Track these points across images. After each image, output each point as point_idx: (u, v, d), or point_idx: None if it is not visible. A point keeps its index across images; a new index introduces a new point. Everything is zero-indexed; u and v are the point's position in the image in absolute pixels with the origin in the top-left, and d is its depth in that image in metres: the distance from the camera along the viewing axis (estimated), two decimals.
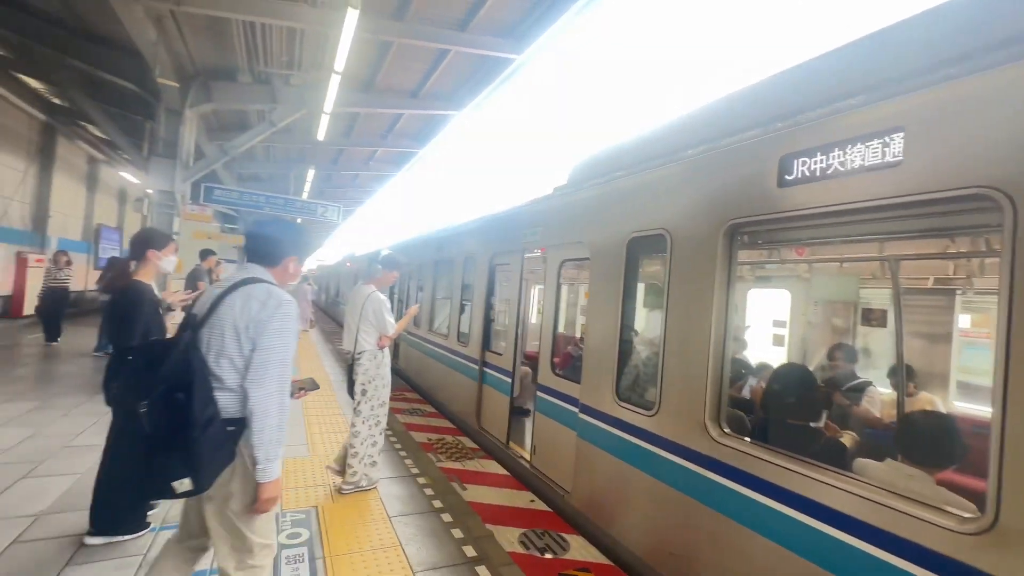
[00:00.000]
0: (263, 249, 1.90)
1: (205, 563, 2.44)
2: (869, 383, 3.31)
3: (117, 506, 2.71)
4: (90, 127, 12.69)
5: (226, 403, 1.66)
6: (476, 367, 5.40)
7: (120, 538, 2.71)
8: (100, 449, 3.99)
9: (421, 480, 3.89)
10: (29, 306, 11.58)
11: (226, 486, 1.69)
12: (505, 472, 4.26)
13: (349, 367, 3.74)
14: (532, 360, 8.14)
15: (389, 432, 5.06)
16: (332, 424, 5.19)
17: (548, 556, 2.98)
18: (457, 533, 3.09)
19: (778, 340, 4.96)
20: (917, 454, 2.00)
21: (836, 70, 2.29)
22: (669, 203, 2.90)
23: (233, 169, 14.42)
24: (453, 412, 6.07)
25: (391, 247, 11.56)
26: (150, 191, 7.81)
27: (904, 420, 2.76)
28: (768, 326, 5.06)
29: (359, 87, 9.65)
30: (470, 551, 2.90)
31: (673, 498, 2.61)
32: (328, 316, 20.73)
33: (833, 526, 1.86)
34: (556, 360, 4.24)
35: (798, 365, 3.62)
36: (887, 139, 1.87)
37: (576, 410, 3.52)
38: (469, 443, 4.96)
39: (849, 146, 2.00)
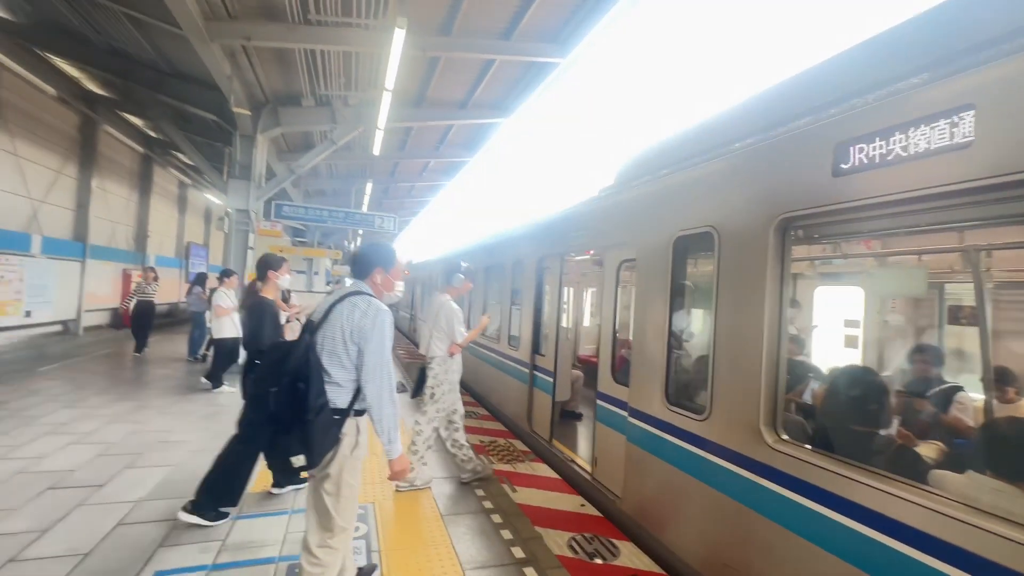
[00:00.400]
0: (358, 265, 2.28)
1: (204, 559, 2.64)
2: (959, 388, 2.98)
3: (225, 484, 3.06)
4: (179, 155, 14.16)
5: (334, 395, 1.98)
6: (527, 370, 5.44)
7: (205, 523, 3.01)
8: (189, 444, 4.42)
9: (473, 482, 3.97)
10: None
11: (325, 467, 1.97)
12: (555, 475, 4.25)
13: (421, 370, 3.97)
14: (584, 364, 8.08)
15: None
16: None
17: (597, 561, 2.94)
18: (506, 534, 3.13)
19: (850, 341, 4.59)
20: (1004, 466, 1.79)
21: (893, 49, 2.12)
22: (715, 199, 2.80)
23: (300, 186, 15.49)
24: (505, 415, 6.14)
25: (447, 256, 11.91)
26: (229, 210, 8.56)
27: (988, 428, 2.47)
28: (839, 326, 4.70)
29: (411, 102, 10.07)
30: (519, 552, 2.93)
31: (727, 506, 2.50)
32: None
33: (903, 541, 1.71)
34: (615, 366, 4.09)
35: (864, 367, 3.33)
36: (955, 119, 1.71)
37: (625, 414, 3.46)
38: (520, 446, 5.00)
39: (912, 129, 1.84)
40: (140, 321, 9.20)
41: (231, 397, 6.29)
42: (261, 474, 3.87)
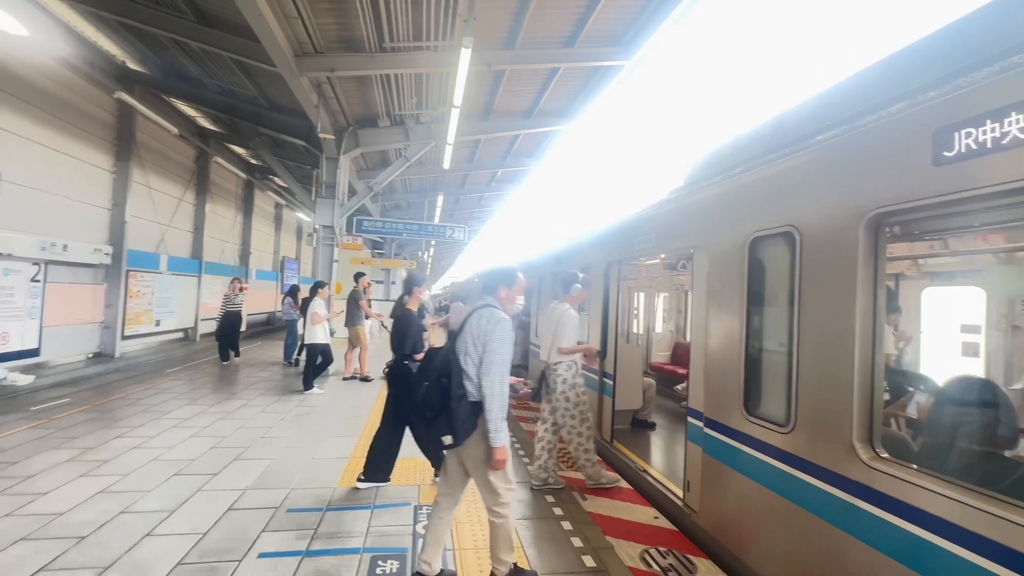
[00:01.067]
0: (486, 284, 2.76)
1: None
2: None
3: (381, 462, 3.86)
4: (275, 179, 15.71)
5: (470, 389, 2.44)
6: (596, 377, 5.37)
7: (379, 484, 3.84)
8: (285, 440, 4.86)
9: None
10: (242, 324, 14.68)
11: (476, 448, 2.44)
12: (627, 485, 4.15)
13: (542, 375, 4.18)
14: (657, 371, 7.80)
15: (514, 439, 5.30)
16: None
17: None
18: (576, 542, 3.12)
19: (969, 349, 4.04)
20: None
21: (1003, 21, 1.88)
22: (796, 197, 2.62)
23: (378, 201, 16.54)
24: None
25: (513, 263, 12.09)
26: (317, 226, 9.36)
27: None
28: (954, 332, 4.15)
29: (478, 115, 10.41)
30: (589, 561, 2.91)
31: (816, 527, 2.31)
32: None
33: None
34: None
35: (982, 379, 2.92)
36: None
37: (700, 423, 3.31)
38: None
39: None
40: (227, 331, 9.48)
41: (320, 398, 6.84)
42: (347, 472, 4.18)
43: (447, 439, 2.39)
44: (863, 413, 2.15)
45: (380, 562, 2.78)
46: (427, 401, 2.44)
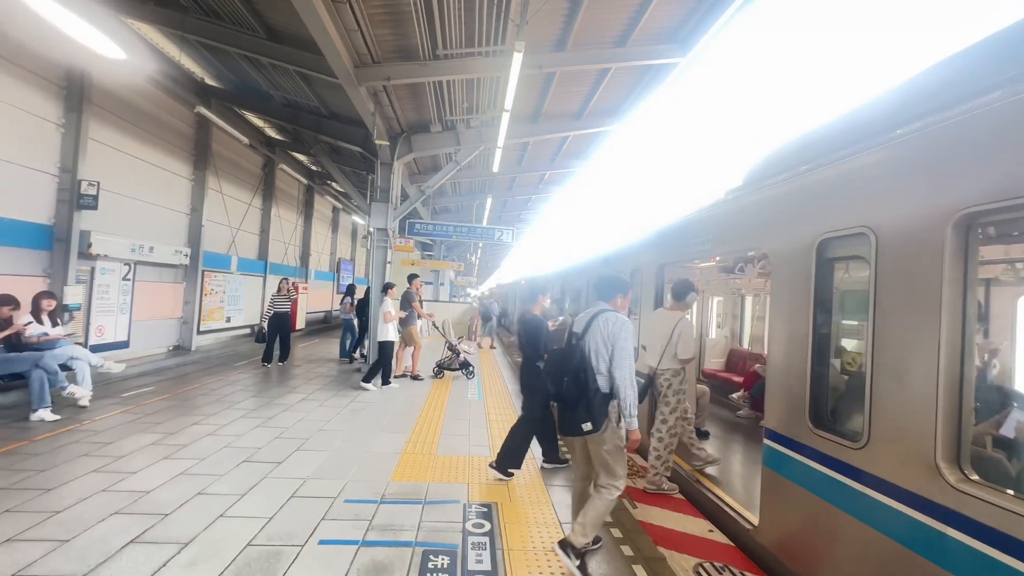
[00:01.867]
0: (603, 291, 3.11)
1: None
2: None
3: (514, 454, 4.19)
4: (333, 184, 16.50)
5: (601, 383, 2.83)
6: (644, 381, 5.24)
7: (505, 477, 4.18)
8: (342, 434, 5.08)
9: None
10: (301, 321, 15.54)
11: (603, 434, 2.80)
12: (680, 495, 4.02)
13: (649, 379, 4.33)
14: (709, 378, 7.50)
15: (560, 442, 5.27)
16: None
17: None
18: (627, 550, 3.06)
19: None
20: None
21: None
22: (871, 196, 2.45)
23: (428, 204, 16.97)
24: None
25: (560, 268, 12.04)
26: (371, 229, 9.74)
27: None
28: None
29: (528, 118, 10.45)
30: (640, 571, 2.84)
31: (892, 551, 2.14)
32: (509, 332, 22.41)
33: None
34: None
35: None
36: None
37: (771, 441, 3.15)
38: (640, 460, 4.82)
39: None
40: (277, 333, 9.05)
41: (374, 394, 7.11)
42: (399, 466, 4.32)
43: (587, 426, 2.76)
44: (948, 431, 1.98)
45: (432, 557, 2.85)
46: (566, 394, 2.83)
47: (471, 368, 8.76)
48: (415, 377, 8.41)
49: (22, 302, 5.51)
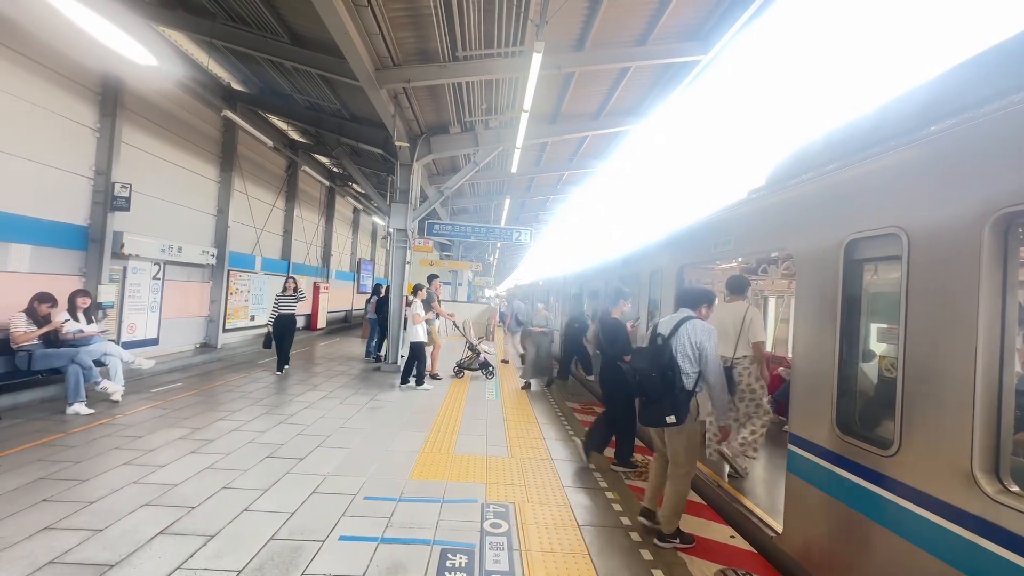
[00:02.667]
0: (689, 300, 3.44)
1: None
2: None
3: (627, 449, 4.62)
4: (354, 185, 16.75)
5: (686, 382, 3.13)
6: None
7: (626, 469, 4.55)
8: (362, 432, 5.14)
9: (609, 495, 3.92)
10: (322, 320, 15.83)
11: (683, 427, 3.12)
12: (700, 500, 3.95)
13: (727, 372, 4.50)
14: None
15: (579, 443, 5.25)
16: (527, 430, 5.64)
17: None
18: (646, 554, 3.02)
19: None
20: None
21: None
22: (902, 195, 2.37)
23: (447, 205, 17.08)
24: (644, 432, 5.91)
25: (574, 267, 11.97)
26: (391, 230, 9.86)
27: None
28: None
29: (546, 118, 10.43)
30: (660, 575, 2.81)
31: (924, 563, 2.07)
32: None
33: None
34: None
35: None
36: None
37: (805, 453, 3.07)
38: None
39: None
40: (279, 338, 8.21)
41: (394, 393, 7.18)
42: (417, 465, 4.35)
43: (671, 419, 3.05)
44: (986, 439, 1.90)
45: (450, 556, 2.87)
46: (651, 390, 3.12)
47: (491, 368, 8.79)
48: (434, 376, 8.47)
49: (59, 300, 5.75)
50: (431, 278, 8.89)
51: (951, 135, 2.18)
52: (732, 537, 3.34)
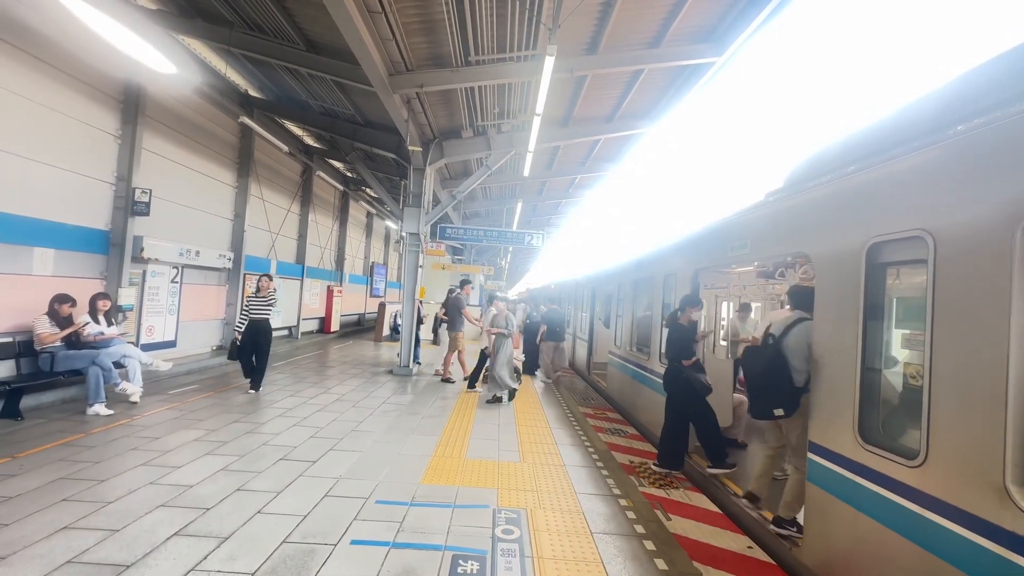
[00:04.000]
0: (803, 303, 3.53)
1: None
2: None
3: (675, 451, 4.62)
4: (367, 190, 16.90)
5: (796, 378, 3.31)
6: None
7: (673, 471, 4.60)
8: (373, 435, 5.15)
9: (623, 502, 3.86)
10: (336, 324, 15.97)
11: (795, 419, 3.35)
12: (716, 509, 3.87)
13: None
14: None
15: (591, 449, 5.19)
16: (539, 435, 5.59)
17: None
18: (660, 564, 2.96)
19: None
20: None
21: None
22: (928, 197, 2.30)
23: (459, 209, 17.12)
24: (657, 437, 5.82)
25: (585, 271, 11.91)
26: (404, 234, 9.91)
27: None
28: None
29: (558, 122, 10.41)
30: None
31: None
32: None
33: None
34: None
35: None
36: None
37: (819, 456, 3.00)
38: (675, 472, 4.68)
39: None
40: (252, 347, 6.85)
41: (405, 397, 7.19)
42: (429, 469, 4.34)
43: (779, 412, 3.26)
44: (1020, 451, 1.82)
45: (461, 562, 2.84)
46: (761, 384, 3.39)
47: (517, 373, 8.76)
48: (446, 380, 8.48)
49: (80, 302, 5.88)
50: (463, 283, 9.18)
51: (980, 134, 2.11)
52: (750, 548, 3.27)
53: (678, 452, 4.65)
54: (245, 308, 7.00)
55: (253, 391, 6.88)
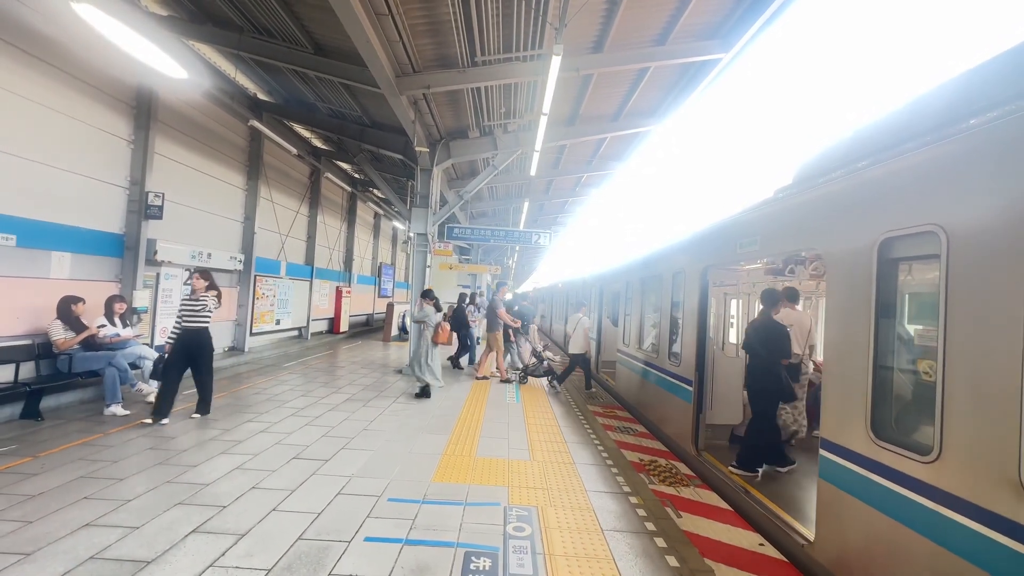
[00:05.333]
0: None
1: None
2: None
3: (760, 449, 4.58)
4: (374, 191, 17.01)
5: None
6: (690, 388, 5.10)
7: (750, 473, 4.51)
8: (384, 434, 5.19)
9: (633, 499, 3.87)
10: (345, 324, 16.09)
11: None
12: (727, 507, 3.87)
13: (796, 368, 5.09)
14: None
15: (600, 447, 5.20)
16: (549, 433, 5.61)
17: None
18: (672, 561, 2.97)
19: None
20: None
21: None
22: (942, 192, 2.29)
23: (466, 209, 17.18)
24: (666, 435, 5.83)
25: (595, 269, 11.89)
26: (411, 234, 9.97)
27: None
28: None
29: (564, 121, 10.41)
30: None
31: (966, 573, 1.98)
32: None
33: None
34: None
35: None
36: None
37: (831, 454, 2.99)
38: (684, 469, 4.68)
39: None
40: (185, 362, 5.51)
41: (413, 398, 7.24)
42: (440, 467, 4.38)
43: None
44: None
45: (474, 558, 2.87)
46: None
47: (555, 375, 8.78)
48: (505, 380, 8.80)
49: (96, 305, 5.99)
50: (499, 285, 9.43)
51: (993, 128, 2.10)
52: (761, 545, 3.26)
53: (772, 448, 4.60)
54: (178, 315, 5.59)
55: (200, 414, 5.58)
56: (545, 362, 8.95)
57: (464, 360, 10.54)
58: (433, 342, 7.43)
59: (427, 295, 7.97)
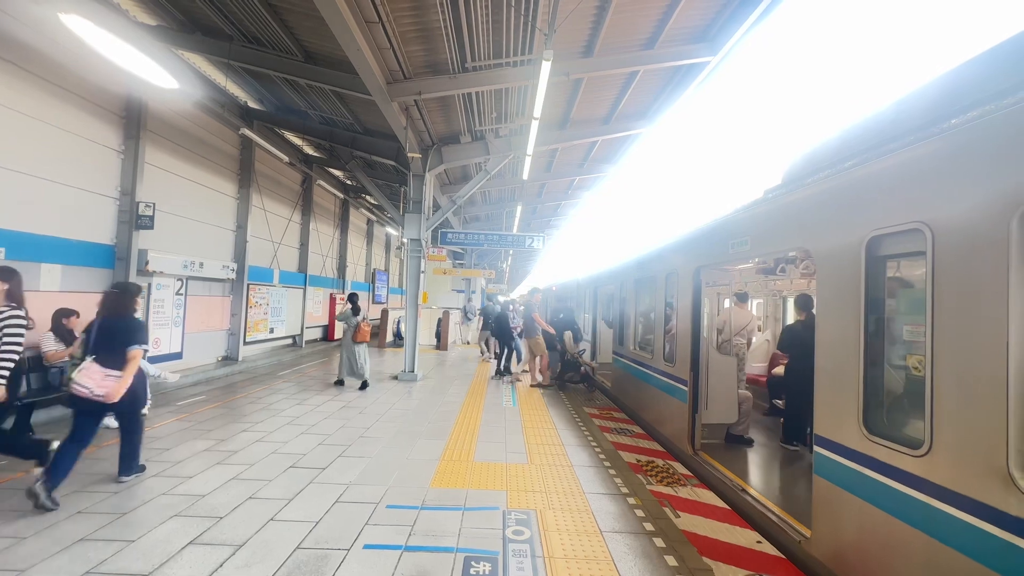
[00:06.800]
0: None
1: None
2: None
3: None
4: (367, 197, 17.00)
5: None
6: (685, 388, 5.13)
7: None
8: (381, 441, 5.17)
9: (631, 500, 3.89)
10: (339, 331, 16.01)
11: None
12: (724, 505, 3.89)
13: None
14: (751, 384, 7.26)
15: (597, 449, 5.22)
16: (546, 436, 5.62)
17: None
18: (671, 560, 2.99)
19: None
20: None
21: None
22: (926, 190, 2.34)
23: (460, 214, 17.20)
24: (663, 435, 5.85)
25: (589, 271, 11.94)
26: (404, 240, 9.97)
27: None
28: None
29: (555, 124, 10.48)
30: None
31: (961, 567, 2.01)
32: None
33: None
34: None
35: None
36: None
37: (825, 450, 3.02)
38: (681, 469, 4.71)
39: None
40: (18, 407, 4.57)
41: (413, 402, 7.22)
42: (438, 473, 4.37)
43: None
44: (1022, 437, 1.85)
45: (474, 563, 2.87)
46: None
47: (592, 381, 8.90)
48: (545, 386, 8.86)
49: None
50: (533, 292, 9.70)
51: (973, 127, 2.15)
52: (759, 542, 3.29)
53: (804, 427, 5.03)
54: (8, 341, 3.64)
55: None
56: (583, 368, 9.06)
57: (514, 364, 10.65)
58: (354, 340, 8.08)
59: (350, 299, 8.38)
